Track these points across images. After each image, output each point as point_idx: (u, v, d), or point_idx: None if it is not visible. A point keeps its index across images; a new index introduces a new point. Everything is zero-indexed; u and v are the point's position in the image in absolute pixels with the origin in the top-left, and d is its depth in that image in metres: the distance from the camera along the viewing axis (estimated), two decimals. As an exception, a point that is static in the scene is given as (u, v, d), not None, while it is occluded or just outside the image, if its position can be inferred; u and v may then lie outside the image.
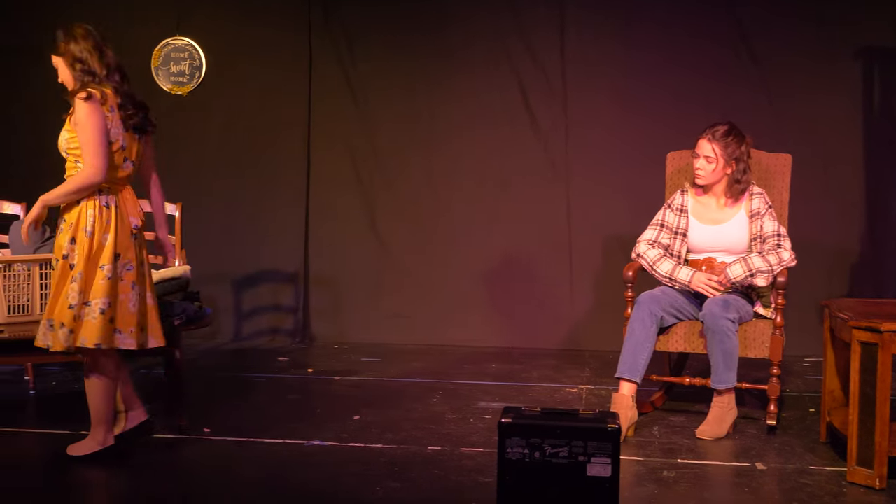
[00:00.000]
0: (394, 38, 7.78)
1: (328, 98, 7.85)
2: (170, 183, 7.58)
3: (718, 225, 5.70)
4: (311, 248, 7.92)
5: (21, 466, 4.98)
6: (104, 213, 4.82)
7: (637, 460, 5.09)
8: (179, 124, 7.89)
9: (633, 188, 7.45)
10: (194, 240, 7.14)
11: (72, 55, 4.86)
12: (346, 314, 7.92)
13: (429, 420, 5.75)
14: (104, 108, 4.78)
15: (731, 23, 7.43)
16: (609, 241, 7.57)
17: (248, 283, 7.92)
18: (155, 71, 7.85)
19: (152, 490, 4.72)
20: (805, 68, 7.38)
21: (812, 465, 5.03)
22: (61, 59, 4.88)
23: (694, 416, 5.77)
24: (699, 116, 6.52)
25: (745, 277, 5.51)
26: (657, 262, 5.65)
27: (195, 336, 7.46)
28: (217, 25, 7.90)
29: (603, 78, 7.59)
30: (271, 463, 5.04)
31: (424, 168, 7.81)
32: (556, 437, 4.06)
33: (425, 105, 7.79)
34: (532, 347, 7.58)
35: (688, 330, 5.62)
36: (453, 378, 6.75)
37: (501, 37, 7.65)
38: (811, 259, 6.87)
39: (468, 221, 7.77)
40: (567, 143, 7.65)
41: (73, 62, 4.84)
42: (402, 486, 4.70)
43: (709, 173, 5.66)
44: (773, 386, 5.55)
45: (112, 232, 4.82)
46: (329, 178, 7.88)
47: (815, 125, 7.37)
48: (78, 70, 4.84)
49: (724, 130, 5.65)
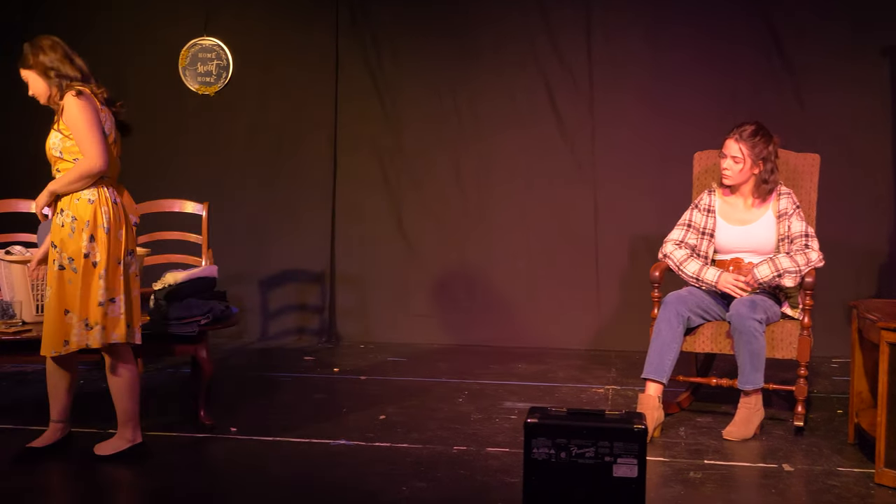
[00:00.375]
0: (420, 39, 7.79)
1: (355, 99, 7.86)
2: (196, 183, 7.70)
3: (746, 225, 5.67)
4: (338, 248, 7.93)
5: (49, 464, 5.00)
6: (115, 209, 4.88)
7: (663, 461, 5.07)
8: (206, 124, 7.94)
9: (660, 188, 7.44)
10: (221, 239, 7.18)
11: (43, 65, 4.84)
12: (373, 314, 7.93)
13: (455, 420, 5.76)
14: (96, 102, 4.85)
15: (758, 22, 7.40)
16: (635, 241, 7.56)
17: (274, 282, 7.95)
18: (182, 71, 7.89)
19: (178, 489, 4.74)
20: (833, 68, 7.33)
21: (839, 467, 5.00)
22: (31, 71, 4.86)
23: (721, 417, 5.74)
24: (727, 116, 6.51)
25: (772, 278, 5.48)
26: (684, 263, 5.64)
27: (222, 335, 7.50)
28: (244, 26, 7.93)
29: (630, 78, 7.57)
30: (297, 462, 5.05)
31: (451, 168, 7.81)
32: (583, 437, 4.05)
33: (452, 106, 7.78)
34: (558, 348, 7.57)
35: (715, 330, 5.60)
36: (479, 378, 6.75)
37: (528, 38, 7.63)
38: (839, 259, 6.84)
39: (495, 222, 7.76)
40: (594, 143, 7.64)
41: (46, 71, 4.83)
42: (428, 485, 4.71)
43: (736, 173, 5.63)
44: (800, 387, 5.52)
45: (124, 228, 4.89)
46: (356, 178, 7.90)
47: (843, 125, 7.33)
48: (52, 77, 4.84)
49: (751, 130, 5.62)
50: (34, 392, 6.26)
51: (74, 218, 4.81)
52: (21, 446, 5.03)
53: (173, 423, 5.60)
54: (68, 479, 4.91)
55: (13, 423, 5.59)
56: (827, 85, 7.35)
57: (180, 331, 5.32)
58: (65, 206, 4.83)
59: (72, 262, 4.80)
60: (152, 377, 6.67)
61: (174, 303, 5.43)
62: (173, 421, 5.63)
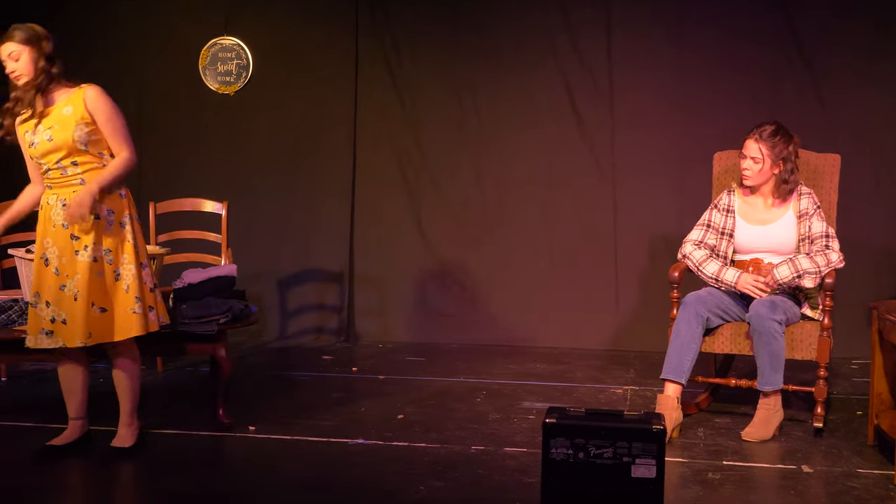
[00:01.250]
0: (440, 38, 7.79)
1: (374, 98, 7.87)
2: (216, 182, 7.72)
3: (766, 225, 5.65)
4: (357, 248, 7.95)
5: (67, 462, 5.02)
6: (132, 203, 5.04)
7: (682, 462, 5.06)
8: (226, 124, 7.96)
9: (680, 189, 7.42)
10: (240, 239, 7.20)
11: (43, 51, 4.87)
12: (391, 313, 7.94)
13: (472, 420, 5.76)
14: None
15: (780, 22, 7.37)
16: (655, 241, 7.54)
17: (293, 281, 7.96)
18: (202, 70, 7.91)
19: (197, 487, 4.76)
20: (854, 68, 7.30)
21: (859, 469, 4.98)
22: (28, 48, 4.85)
23: (739, 418, 5.73)
24: (747, 116, 6.49)
25: (792, 279, 5.46)
26: (703, 263, 5.62)
27: (241, 334, 7.52)
28: (264, 25, 7.95)
29: (649, 78, 7.55)
30: (315, 461, 5.06)
31: (470, 168, 7.81)
32: (601, 437, 4.05)
33: (471, 105, 7.78)
34: (577, 348, 7.57)
35: (734, 331, 5.58)
36: (497, 378, 6.74)
37: (548, 37, 7.62)
38: (859, 260, 6.81)
39: (514, 221, 7.76)
40: (613, 143, 7.62)
41: (44, 56, 4.87)
42: (446, 485, 4.71)
43: (756, 173, 5.61)
44: (819, 388, 5.50)
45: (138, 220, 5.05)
46: (375, 177, 7.91)
47: (864, 125, 7.30)
48: (44, 66, 4.86)
49: (771, 130, 5.60)
50: (53, 390, 6.27)
51: (111, 211, 4.89)
52: (41, 444, 5.05)
53: (192, 421, 5.62)
54: (86, 476, 4.92)
55: (34, 421, 5.62)
56: (848, 85, 7.31)
57: (199, 329, 5.34)
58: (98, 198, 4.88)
59: (108, 254, 4.88)
60: (171, 376, 6.69)
61: (193, 302, 5.45)
62: (192, 419, 5.65)
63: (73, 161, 4.87)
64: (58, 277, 4.87)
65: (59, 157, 4.86)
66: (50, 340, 4.86)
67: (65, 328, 4.86)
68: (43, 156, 4.87)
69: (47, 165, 4.89)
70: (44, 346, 4.89)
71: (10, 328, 5.31)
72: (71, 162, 4.87)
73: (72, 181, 4.88)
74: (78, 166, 4.88)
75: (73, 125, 4.83)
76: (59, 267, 4.87)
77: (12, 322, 5.34)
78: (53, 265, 4.87)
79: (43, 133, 4.84)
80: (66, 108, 4.86)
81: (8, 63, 4.87)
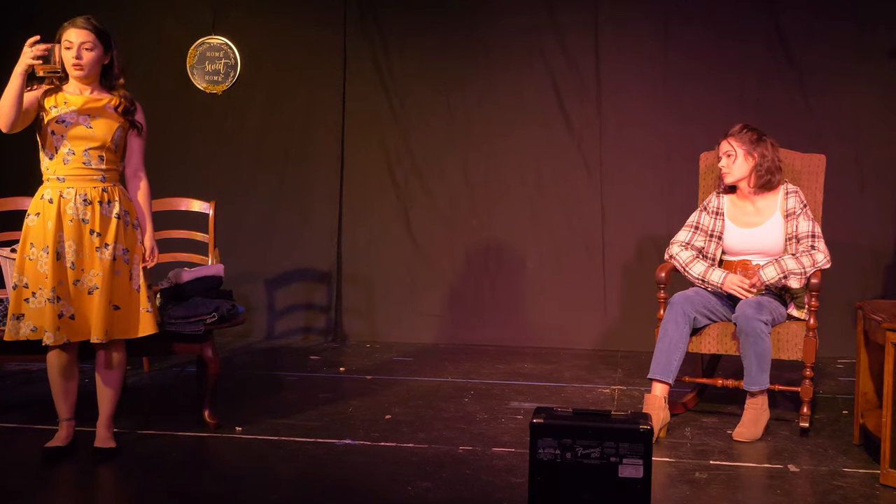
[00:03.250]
0: (428, 38, 7.79)
1: (363, 98, 7.87)
2: (204, 182, 7.71)
3: (754, 227, 5.67)
4: (345, 247, 7.94)
5: (54, 463, 5.01)
6: None
7: (669, 462, 5.07)
8: (214, 123, 7.95)
9: (667, 189, 7.44)
10: (228, 238, 7.19)
11: (115, 54, 5.01)
12: (379, 313, 7.94)
13: (460, 420, 5.76)
14: None
15: (766, 23, 7.39)
16: (643, 241, 7.56)
17: (281, 281, 7.95)
18: (190, 70, 7.90)
19: (183, 488, 4.75)
20: (840, 68, 7.32)
21: (845, 468, 5.00)
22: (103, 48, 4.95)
23: (726, 418, 5.74)
24: (734, 116, 6.49)
25: (778, 280, 5.48)
26: (689, 264, 5.64)
27: (228, 334, 7.52)
28: (252, 24, 7.94)
29: (637, 78, 7.57)
30: (303, 462, 5.05)
31: (459, 168, 7.81)
32: (588, 437, 4.05)
33: (460, 105, 7.79)
34: (564, 348, 7.58)
35: (721, 331, 5.59)
36: (485, 378, 6.75)
37: (536, 37, 7.63)
38: (845, 260, 6.85)
39: (502, 221, 7.77)
40: (601, 142, 7.63)
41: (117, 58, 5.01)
42: (434, 485, 4.71)
43: (732, 167, 5.65)
44: (805, 388, 5.52)
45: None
46: (363, 177, 7.91)
47: (849, 125, 7.33)
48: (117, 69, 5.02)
49: (738, 127, 5.70)
50: (39, 390, 6.27)
51: (127, 213, 4.99)
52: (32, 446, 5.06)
53: (178, 422, 5.61)
54: (74, 478, 4.91)
55: (18, 422, 5.61)
56: (833, 85, 7.34)
57: (186, 329, 5.32)
58: (113, 198, 4.95)
59: (126, 254, 4.95)
60: (158, 376, 6.68)
61: (180, 301, 5.45)
62: (178, 420, 5.64)
63: (100, 155, 4.92)
64: (73, 272, 4.86)
65: (91, 146, 4.90)
66: (54, 336, 4.82)
67: (72, 324, 4.86)
68: (75, 139, 4.88)
69: (71, 149, 4.88)
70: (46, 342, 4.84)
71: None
72: (98, 156, 4.92)
73: (93, 176, 4.91)
74: (103, 162, 4.93)
75: (116, 124, 4.95)
76: (76, 262, 4.87)
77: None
78: (69, 259, 4.86)
79: (81, 117, 4.87)
80: (109, 104, 4.95)
81: (79, 50, 4.88)
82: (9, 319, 4.87)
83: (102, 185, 4.92)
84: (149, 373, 6.69)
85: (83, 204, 4.87)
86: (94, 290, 4.86)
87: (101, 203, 4.90)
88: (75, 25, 4.90)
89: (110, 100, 4.97)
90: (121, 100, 4.98)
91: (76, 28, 4.90)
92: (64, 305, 4.84)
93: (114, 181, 4.99)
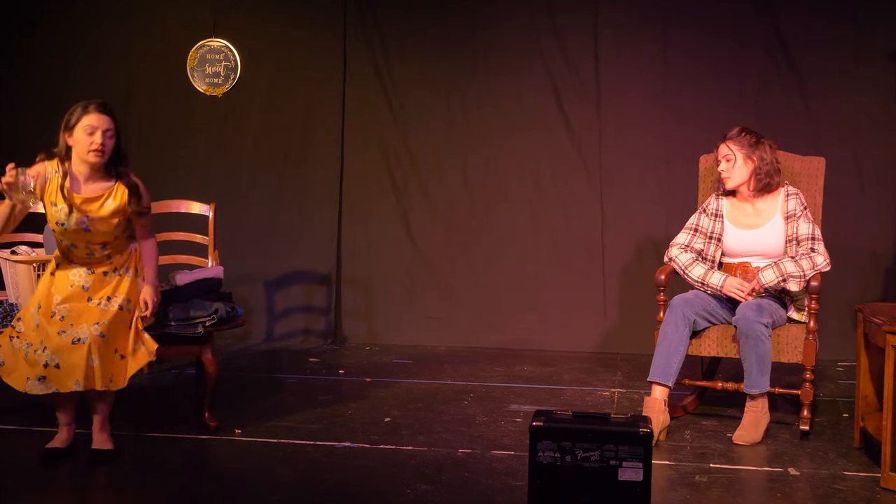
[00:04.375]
0: (428, 41, 7.77)
1: (363, 100, 7.86)
2: (203, 184, 7.70)
3: (754, 229, 5.66)
4: (344, 250, 7.93)
5: (56, 465, 5.01)
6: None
7: (669, 465, 5.07)
8: (214, 125, 7.95)
9: (667, 191, 7.44)
10: (227, 241, 7.18)
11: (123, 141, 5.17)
12: (379, 315, 7.93)
13: (460, 423, 5.75)
14: None
15: (766, 25, 7.38)
16: (642, 244, 7.55)
17: (280, 283, 7.95)
18: (190, 72, 7.89)
19: (182, 491, 4.75)
20: (839, 71, 7.31)
21: (845, 471, 4.99)
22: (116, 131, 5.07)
23: (726, 421, 5.74)
24: (733, 119, 6.49)
25: (777, 282, 5.48)
26: (689, 267, 5.63)
27: (227, 336, 7.50)
28: (252, 27, 7.93)
29: (636, 80, 7.55)
30: (302, 464, 5.05)
31: (458, 170, 7.80)
32: (588, 440, 4.05)
33: (459, 107, 7.78)
34: (564, 350, 7.56)
35: (721, 334, 5.59)
36: (485, 381, 6.74)
37: (536, 39, 7.62)
38: (845, 263, 6.84)
39: (502, 223, 7.76)
40: (600, 145, 7.62)
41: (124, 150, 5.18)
42: (433, 488, 4.71)
43: (732, 171, 5.64)
44: (806, 391, 5.51)
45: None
46: (363, 179, 7.90)
47: (849, 128, 7.32)
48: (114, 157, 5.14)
49: (737, 130, 5.70)
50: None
51: (127, 268, 5.16)
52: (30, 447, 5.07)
53: (178, 424, 5.61)
54: (71, 479, 4.91)
55: (18, 424, 5.61)
56: (833, 88, 7.33)
57: (186, 332, 5.33)
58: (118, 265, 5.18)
59: (128, 304, 5.07)
60: (157, 378, 6.67)
61: (180, 304, 5.44)
62: (178, 422, 5.64)
63: (102, 244, 5.12)
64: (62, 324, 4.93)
65: (92, 241, 5.09)
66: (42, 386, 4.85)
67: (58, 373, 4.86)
68: (73, 235, 5.05)
69: (73, 243, 5.08)
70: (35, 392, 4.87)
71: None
72: (100, 246, 5.11)
73: (98, 259, 5.13)
74: (106, 249, 5.13)
75: (115, 221, 5.08)
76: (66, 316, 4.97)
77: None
78: (59, 315, 4.97)
79: (80, 219, 5.01)
80: (108, 201, 5.06)
81: (103, 136, 4.97)
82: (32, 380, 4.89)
83: (108, 262, 5.15)
84: (148, 375, 6.68)
85: (87, 274, 5.10)
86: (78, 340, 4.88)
87: (105, 273, 5.12)
88: (97, 110, 4.96)
89: (111, 193, 5.06)
90: (125, 190, 5.10)
91: (98, 113, 4.96)
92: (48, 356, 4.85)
93: (119, 253, 5.19)
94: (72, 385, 4.82)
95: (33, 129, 7.82)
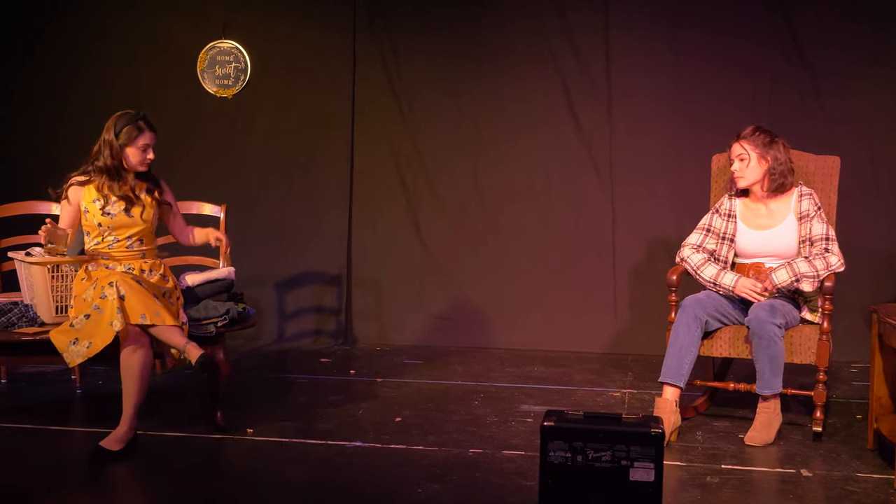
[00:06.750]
0: (438, 42, 7.77)
1: (372, 101, 7.86)
2: (214, 185, 7.71)
3: (767, 230, 5.64)
4: (354, 250, 7.94)
5: (67, 464, 5.02)
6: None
7: (680, 465, 5.05)
8: (224, 127, 7.95)
9: (678, 192, 7.42)
10: (238, 242, 7.16)
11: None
12: (389, 316, 7.93)
13: (470, 423, 5.75)
14: None
15: (779, 25, 7.36)
16: (653, 244, 7.53)
17: (291, 284, 7.95)
18: (200, 74, 7.90)
19: (194, 490, 4.75)
20: (853, 71, 7.29)
21: (858, 473, 4.97)
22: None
23: (738, 422, 5.72)
24: (746, 119, 6.46)
25: (790, 283, 5.45)
26: (701, 267, 5.61)
27: (239, 337, 7.51)
28: (262, 29, 7.94)
29: (647, 81, 7.54)
30: (313, 463, 5.05)
31: (468, 171, 7.80)
32: (599, 441, 4.04)
33: (469, 108, 7.77)
34: (575, 351, 7.56)
35: (733, 335, 5.57)
36: (495, 381, 6.74)
37: (546, 40, 7.61)
38: (859, 263, 6.81)
39: (512, 224, 7.75)
40: (611, 146, 7.61)
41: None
42: (443, 488, 4.70)
43: (746, 171, 5.62)
44: (819, 392, 5.49)
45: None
46: (373, 180, 7.90)
47: (863, 128, 7.30)
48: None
49: (750, 129, 5.66)
50: (53, 392, 6.29)
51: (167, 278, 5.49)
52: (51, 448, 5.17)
53: (190, 424, 5.61)
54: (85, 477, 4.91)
55: (35, 423, 5.62)
56: (847, 88, 7.31)
57: (198, 332, 5.34)
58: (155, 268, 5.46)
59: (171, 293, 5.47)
60: (169, 378, 6.68)
61: (191, 304, 5.46)
62: (190, 422, 5.64)
63: (139, 239, 5.43)
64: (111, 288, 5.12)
65: (132, 233, 5.40)
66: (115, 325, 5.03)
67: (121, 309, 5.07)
68: (116, 228, 5.36)
69: (115, 237, 5.38)
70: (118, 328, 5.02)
71: (10, 330, 5.29)
72: (138, 240, 5.43)
73: (135, 255, 5.42)
74: (143, 244, 5.45)
75: (153, 209, 5.47)
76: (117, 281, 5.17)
77: (12, 325, 5.32)
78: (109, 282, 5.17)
79: (118, 206, 5.36)
80: (144, 191, 5.46)
81: (152, 151, 5.47)
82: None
83: (143, 259, 5.43)
84: (161, 375, 6.69)
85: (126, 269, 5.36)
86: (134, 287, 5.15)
87: (142, 271, 5.36)
88: (149, 128, 5.46)
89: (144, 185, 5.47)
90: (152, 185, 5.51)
91: (150, 132, 5.47)
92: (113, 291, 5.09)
93: (152, 257, 5.48)
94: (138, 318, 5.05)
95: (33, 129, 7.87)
